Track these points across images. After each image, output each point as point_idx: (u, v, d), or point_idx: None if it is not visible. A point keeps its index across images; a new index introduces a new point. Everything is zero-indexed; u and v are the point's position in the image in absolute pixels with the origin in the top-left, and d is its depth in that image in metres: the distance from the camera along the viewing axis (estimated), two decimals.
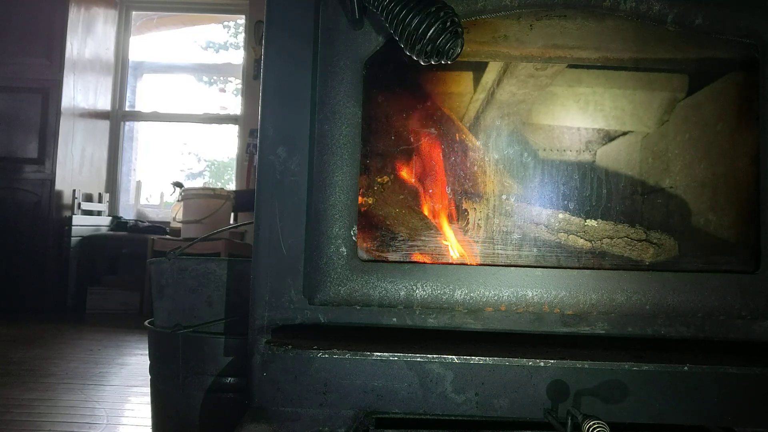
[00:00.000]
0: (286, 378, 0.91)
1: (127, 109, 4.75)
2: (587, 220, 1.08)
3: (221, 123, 4.81)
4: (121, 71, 4.71)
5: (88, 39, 4.21)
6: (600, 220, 1.08)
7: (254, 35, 4.44)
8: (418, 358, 0.90)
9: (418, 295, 0.95)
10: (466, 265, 1.04)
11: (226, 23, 5.15)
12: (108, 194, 4.52)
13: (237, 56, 4.93)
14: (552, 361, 0.90)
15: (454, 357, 0.90)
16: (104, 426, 1.69)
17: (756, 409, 0.90)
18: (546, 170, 1.10)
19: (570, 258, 1.06)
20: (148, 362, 1.44)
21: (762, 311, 0.95)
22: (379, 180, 1.09)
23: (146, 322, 1.46)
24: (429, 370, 0.90)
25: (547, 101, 1.13)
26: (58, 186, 3.89)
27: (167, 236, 4.00)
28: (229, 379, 1.30)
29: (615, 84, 1.12)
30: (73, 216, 3.98)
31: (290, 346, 0.92)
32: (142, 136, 4.91)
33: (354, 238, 0.96)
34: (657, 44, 1.09)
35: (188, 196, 3.56)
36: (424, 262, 1.03)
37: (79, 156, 4.15)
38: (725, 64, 1.10)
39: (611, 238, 1.07)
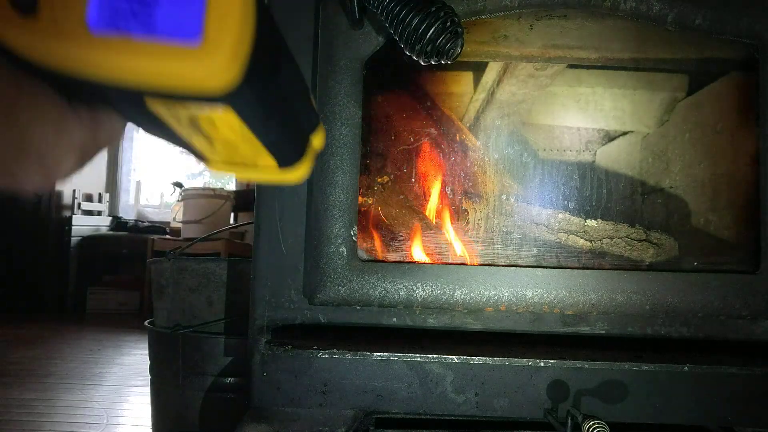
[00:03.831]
0: (286, 378, 0.91)
1: None
2: (587, 220, 1.08)
3: None
4: None
5: None
6: (600, 220, 1.08)
7: None
8: (418, 358, 0.90)
9: (418, 295, 0.95)
10: (466, 265, 1.04)
11: None
12: (108, 194, 4.52)
13: None
14: (552, 361, 0.90)
15: (454, 357, 0.90)
16: (104, 426, 1.69)
17: (756, 409, 0.90)
18: (546, 170, 1.10)
19: (570, 258, 1.06)
20: (148, 362, 1.44)
21: (762, 311, 0.95)
22: (379, 180, 1.09)
23: (146, 322, 1.46)
24: (429, 370, 0.90)
25: (547, 101, 1.13)
26: (57, 186, 3.89)
27: (167, 236, 4.00)
28: (229, 379, 1.30)
29: (615, 84, 1.12)
30: (73, 216, 3.98)
31: (290, 346, 0.92)
32: (142, 136, 4.91)
33: (354, 238, 0.96)
34: (657, 44, 1.09)
35: (188, 196, 3.56)
36: (424, 262, 1.03)
37: None
38: (725, 64, 1.10)
39: (611, 238, 1.07)
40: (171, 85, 0.23)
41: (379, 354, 0.90)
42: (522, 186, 1.10)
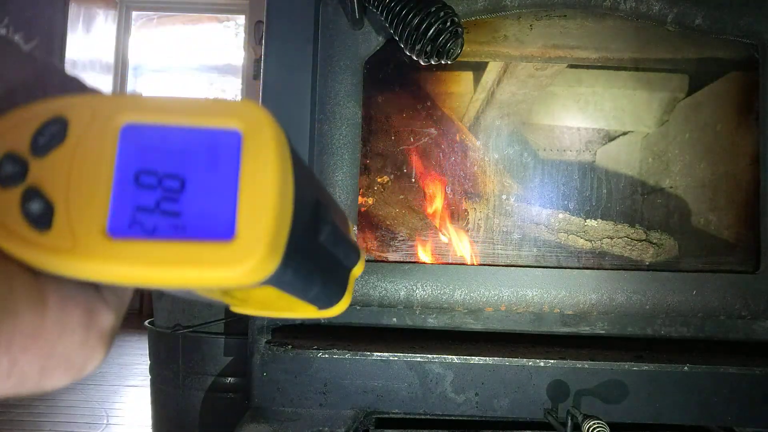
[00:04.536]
0: (286, 378, 0.91)
1: None
2: (587, 220, 1.08)
3: None
4: (121, 71, 4.71)
5: (88, 39, 4.21)
6: (600, 220, 1.08)
7: (254, 35, 4.44)
8: (418, 358, 0.90)
9: (418, 295, 0.95)
10: (466, 265, 1.04)
11: (226, 23, 5.15)
12: None
13: (237, 56, 4.93)
14: (552, 361, 0.90)
15: (454, 357, 0.90)
16: (104, 426, 1.69)
17: (756, 409, 0.90)
18: (546, 170, 1.10)
19: (570, 258, 1.06)
20: (148, 362, 1.44)
21: (762, 311, 0.95)
22: (379, 180, 1.09)
23: (146, 322, 1.46)
24: (429, 370, 0.90)
25: (547, 101, 1.13)
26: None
27: None
28: (229, 379, 1.30)
29: (615, 84, 1.12)
30: None
31: (290, 346, 0.92)
32: None
33: (354, 238, 0.96)
34: (657, 44, 1.09)
35: None
36: (424, 262, 1.03)
37: None
38: (725, 64, 1.10)
39: (611, 238, 1.07)
40: (204, 286, 0.21)
41: (379, 354, 0.90)
42: (522, 186, 1.10)
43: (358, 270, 0.29)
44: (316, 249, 0.25)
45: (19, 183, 0.20)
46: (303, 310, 0.27)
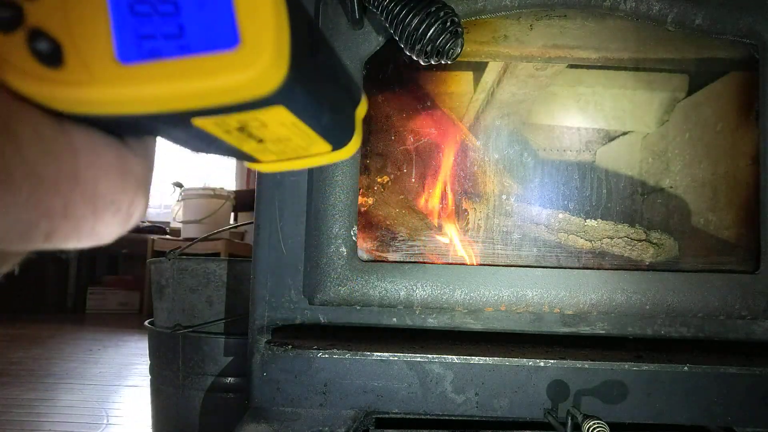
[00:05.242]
0: (286, 378, 0.91)
1: None
2: (587, 220, 1.08)
3: None
4: None
5: None
6: (600, 220, 1.08)
7: None
8: (418, 358, 0.90)
9: (418, 295, 0.95)
10: (466, 265, 1.04)
11: None
12: None
13: None
14: (552, 361, 0.90)
15: (454, 357, 0.90)
16: (104, 426, 1.69)
17: (756, 409, 0.90)
18: (546, 170, 1.10)
19: (570, 258, 1.06)
20: (148, 362, 1.44)
21: (762, 311, 0.95)
22: (379, 180, 1.09)
23: (146, 322, 1.46)
24: (429, 370, 0.90)
25: (547, 101, 1.13)
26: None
27: (167, 236, 4.00)
28: (229, 379, 1.30)
29: (615, 84, 1.12)
30: None
31: (290, 346, 0.92)
32: None
33: (354, 238, 0.96)
34: (657, 44, 1.09)
35: (188, 196, 3.56)
36: (424, 262, 1.03)
37: None
38: (725, 64, 1.10)
39: (611, 238, 1.07)
40: (218, 101, 0.22)
41: (379, 354, 0.90)
42: (522, 186, 1.10)
43: (362, 110, 0.31)
44: (318, 66, 0.26)
45: (19, 26, 0.21)
46: (318, 149, 0.28)
